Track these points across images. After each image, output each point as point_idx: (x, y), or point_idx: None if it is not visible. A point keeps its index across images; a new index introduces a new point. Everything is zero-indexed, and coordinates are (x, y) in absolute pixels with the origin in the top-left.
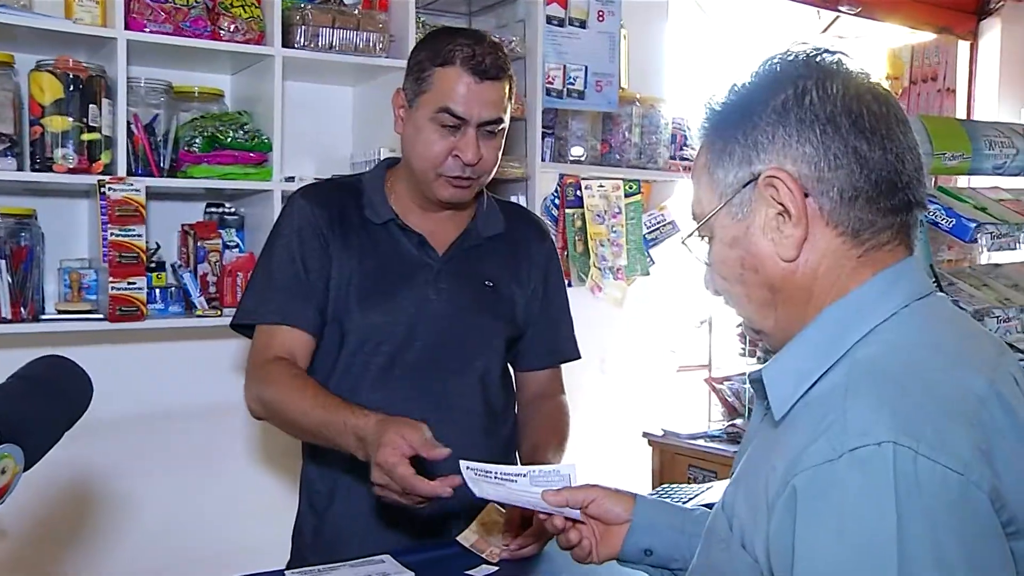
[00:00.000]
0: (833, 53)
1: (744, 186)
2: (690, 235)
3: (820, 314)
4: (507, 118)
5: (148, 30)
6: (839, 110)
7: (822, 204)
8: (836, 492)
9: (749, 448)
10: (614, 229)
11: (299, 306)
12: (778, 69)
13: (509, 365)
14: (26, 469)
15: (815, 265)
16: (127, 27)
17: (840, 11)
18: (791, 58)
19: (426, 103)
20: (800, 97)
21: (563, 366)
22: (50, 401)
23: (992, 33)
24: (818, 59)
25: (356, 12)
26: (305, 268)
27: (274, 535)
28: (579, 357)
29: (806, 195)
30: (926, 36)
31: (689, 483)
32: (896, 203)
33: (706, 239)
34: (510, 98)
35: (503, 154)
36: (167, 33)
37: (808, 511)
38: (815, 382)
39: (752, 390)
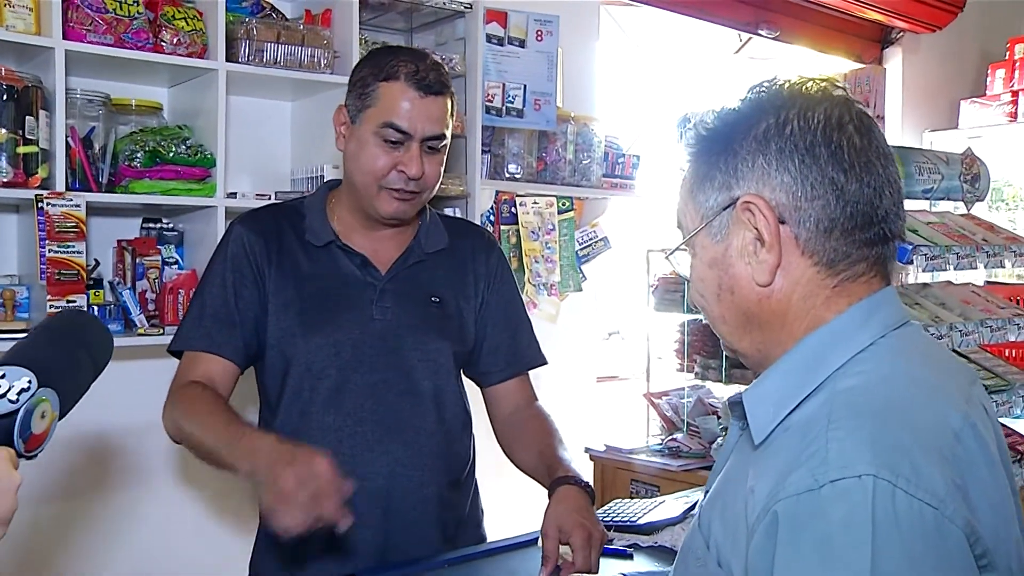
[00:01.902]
0: (819, 83)
1: (724, 209)
2: (672, 251)
3: (799, 342)
4: (449, 134)
5: (88, 41)
6: (818, 140)
7: (798, 233)
8: (817, 522)
9: (726, 466)
10: (548, 246)
11: (225, 335)
12: (763, 97)
13: (477, 386)
14: (60, 417)
15: (789, 292)
16: (65, 37)
17: (759, 34)
18: (776, 87)
19: (370, 118)
20: (781, 126)
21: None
22: (77, 348)
23: (895, 61)
24: (803, 89)
25: (301, 27)
26: (236, 296)
27: (224, 557)
28: (544, 362)
29: (782, 222)
30: (836, 60)
31: (632, 498)
32: (872, 236)
33: (689, 255)
34: (452, 115)
35: (444, 171)
36: (108, 44)
37: (789, 539)
38: (794, 408)
39: (730, 411)
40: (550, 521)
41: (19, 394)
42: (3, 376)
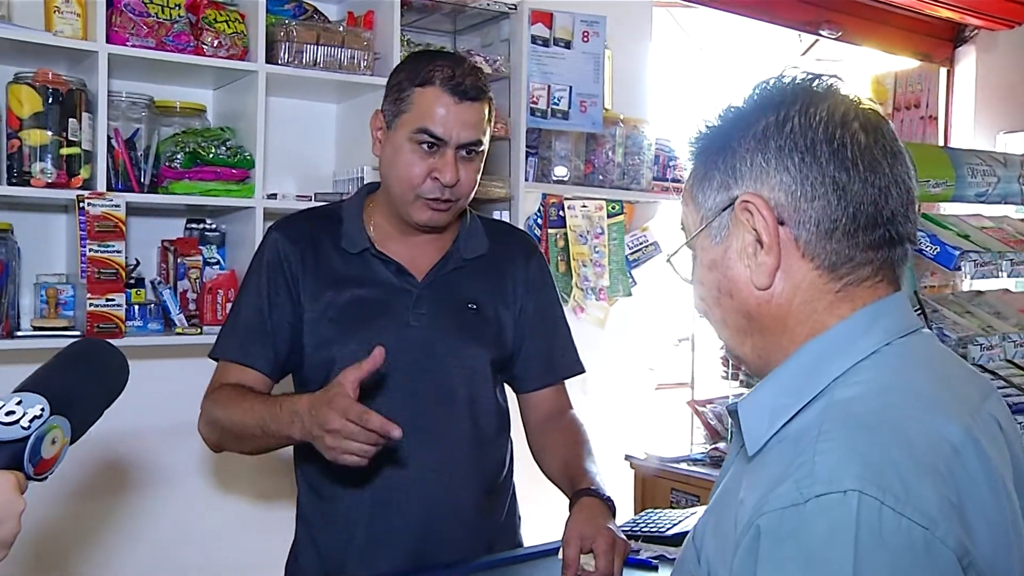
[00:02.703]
0: (825, 78)
1: (723, 210)
2: (673, 253)
3: (798, 349)
4: (486, 140)
5: (130, 44)
6: (820, 138)
7: (798, 235)
8: (800, 537)
9: (724, 479)
10: (597, 250)
11: (258, 346)
12: (766, 94)
13: (511, 390)
14: (72, 442)
15: (790, 296)
16: (109, 41)
17: (821, 35)
18: (780, 83)
19: (405, 124)
20: (781, 124)
21: None
22: (92, 377)
23: (967, 60)
24: (807, 85)
25: (341, 29)
26: (270, 306)
27: (257, 557)
28: (582, 371)
29: (781, 223)
30: (904, 62)
31: (672, 507)
32: (877, 238)
33: (692, 257)
34: (489, 120)
35: (487, 174)
36: (150, 48)
37: (771, 554)
38: (790, 419)
39: (731, 420)
40: (571, 529)
41: (31, 421)
42: (19, 402)
